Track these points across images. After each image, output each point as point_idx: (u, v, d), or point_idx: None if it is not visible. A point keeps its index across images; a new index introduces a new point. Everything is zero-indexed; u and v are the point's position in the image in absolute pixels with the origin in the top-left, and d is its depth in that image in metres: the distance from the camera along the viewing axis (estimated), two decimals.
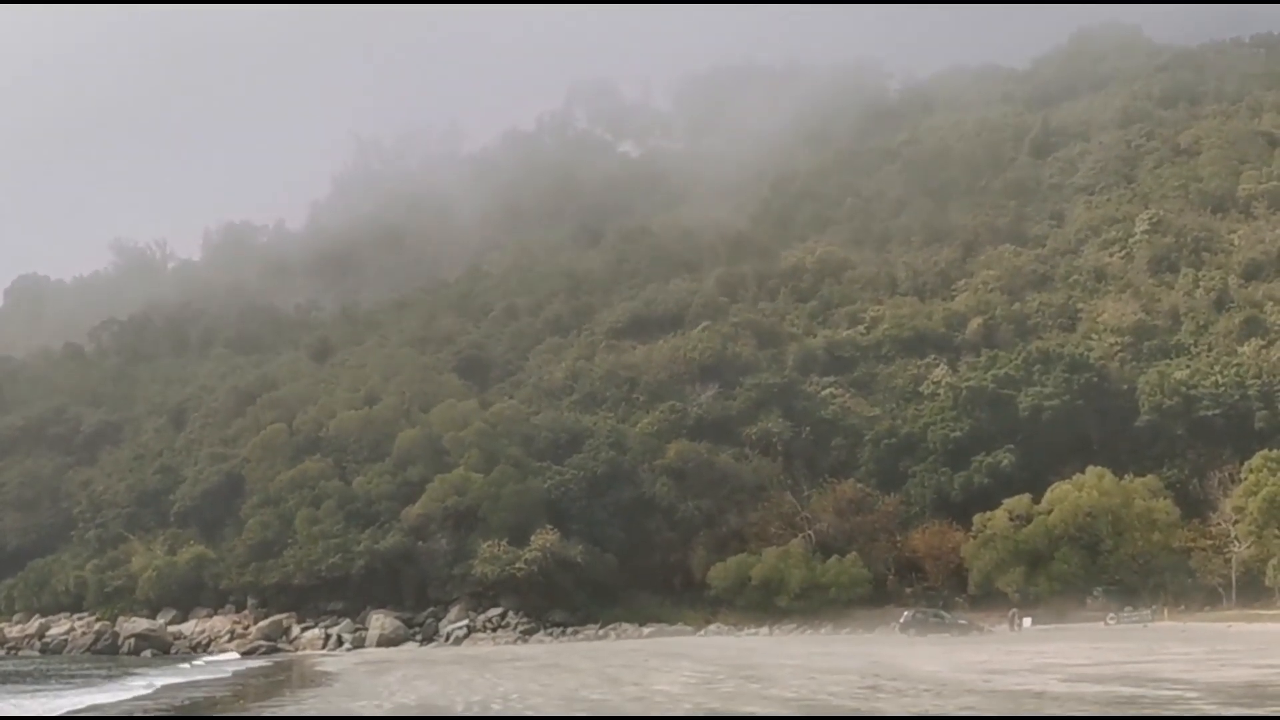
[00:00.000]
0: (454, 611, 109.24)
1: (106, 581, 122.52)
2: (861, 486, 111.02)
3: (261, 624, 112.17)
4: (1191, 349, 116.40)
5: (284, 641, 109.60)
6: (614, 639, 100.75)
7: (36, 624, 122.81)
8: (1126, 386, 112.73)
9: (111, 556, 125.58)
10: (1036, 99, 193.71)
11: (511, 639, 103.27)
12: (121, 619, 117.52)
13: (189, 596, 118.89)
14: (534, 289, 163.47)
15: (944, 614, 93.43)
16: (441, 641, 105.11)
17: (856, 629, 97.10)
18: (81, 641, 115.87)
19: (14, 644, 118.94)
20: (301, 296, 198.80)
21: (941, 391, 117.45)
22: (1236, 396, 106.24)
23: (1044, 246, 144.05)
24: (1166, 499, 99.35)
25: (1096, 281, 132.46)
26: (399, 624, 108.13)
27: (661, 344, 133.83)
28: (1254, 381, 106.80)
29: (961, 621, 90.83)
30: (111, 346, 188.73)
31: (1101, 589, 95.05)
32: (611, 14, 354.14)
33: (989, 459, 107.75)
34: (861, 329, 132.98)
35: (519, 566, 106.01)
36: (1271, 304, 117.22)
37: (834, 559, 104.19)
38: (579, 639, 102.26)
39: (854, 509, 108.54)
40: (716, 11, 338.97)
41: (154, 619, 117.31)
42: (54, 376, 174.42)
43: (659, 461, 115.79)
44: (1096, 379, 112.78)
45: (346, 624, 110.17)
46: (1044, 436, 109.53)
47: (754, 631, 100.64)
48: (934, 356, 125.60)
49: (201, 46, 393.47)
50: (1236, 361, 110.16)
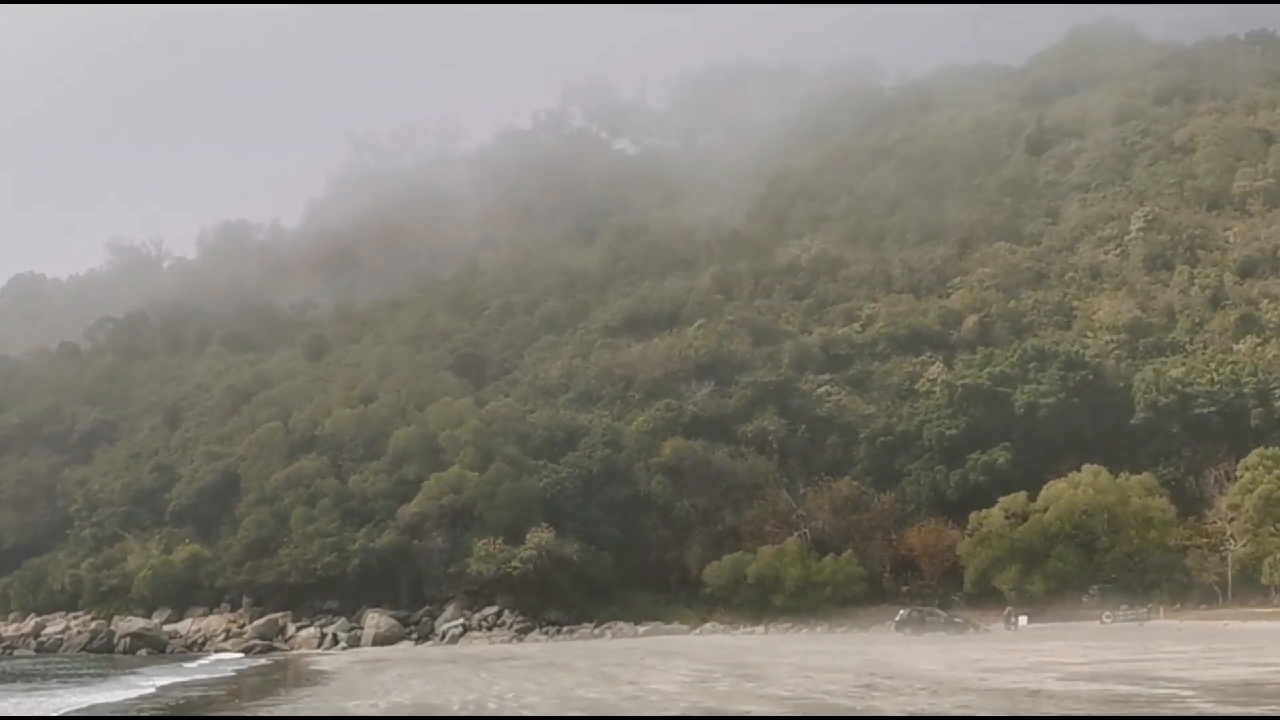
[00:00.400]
0: (449, 610, 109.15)
1: (102, 580, 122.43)
2: (857, 484, 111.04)
3: (257, 623, 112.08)
4: (1187, 346, 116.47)
5: (279, 640, 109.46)
6: (610, 638, 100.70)
7: (32, 623, 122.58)
8: (1122, 384, 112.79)
9: (107, 555, 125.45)
10: (1032, 96, 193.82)
11: (507, 638, 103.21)
12: (117, 618, 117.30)
13: (184, 595, 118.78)
14: (530, 287, 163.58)
15: (940, 612, 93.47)
16: (437, 640, 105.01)
17: (852, 627, 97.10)
18: (77, 640, 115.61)
19: (9, 643, 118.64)
20: (297, 294, 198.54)
21: (937, 389, 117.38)
22: (1232, 394, 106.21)
23: (1039, 244, 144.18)
24: (1162, 497, 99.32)
25: (1092, 279, 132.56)
26: (394, 623, 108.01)
27: (657, 342, 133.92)
28: (1249, 379, 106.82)
29: (957, 620, 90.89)
30: (107, 345, 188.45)
31: (1097, 587, 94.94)
32: (607, 12, 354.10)
33: (985, 457, 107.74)
34: (857, 326, 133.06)
35: (514, 565, 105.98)
36: (1267, 301, 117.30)
37: (829, 557, 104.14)
38: (575, 638, 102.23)
39: (850, 507, 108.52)
40: (712, 10, 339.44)
41: (149, 618, 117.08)
42: (49, 375, 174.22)
43: (654, 460, 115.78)
44: (1092, 376, 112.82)
45: (342, 623, 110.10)
46: (1040, 434, 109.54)
47: (750, 630, 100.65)
48: (929, 354, 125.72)
49: (198, 45, 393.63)
50: (1232, 359, 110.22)
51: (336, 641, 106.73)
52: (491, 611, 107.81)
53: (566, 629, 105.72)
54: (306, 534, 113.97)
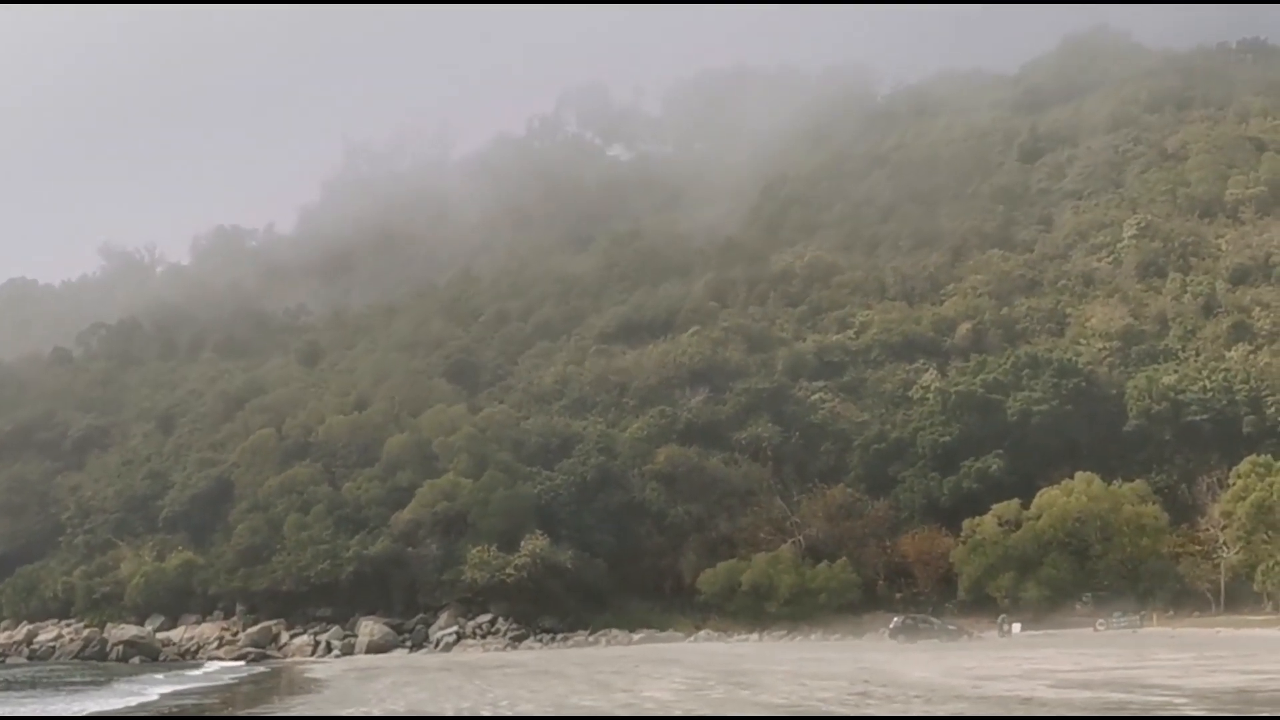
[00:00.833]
0: (443, 618, 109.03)
1: (95, 588, 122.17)
2: (851, 491, 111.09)
3: (250, 630, 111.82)
4: (1179, 354, 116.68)
5: (273, 648, 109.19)
6: (604, 645, 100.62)
7: (24, 630, 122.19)
8: (1115, 391, 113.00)
9: (100, 562, 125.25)
10: (1025, 104, 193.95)
11: (501, 645, 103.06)
12: (110, 625, 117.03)
13: (177, 603, 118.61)
14: (524, 293, 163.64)
15: (933, 620, 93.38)
16: (431, 648, 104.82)
17: (846, 635, 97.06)
18: (70, 648, 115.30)
19: (1, 650, 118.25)
20: (291, 300, 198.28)
21: (930, 396, 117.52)
22: (1224, 401, 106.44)
23: (1032, 251, 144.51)
24: (1155, 504, 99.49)
25: (1085, 286, 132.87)
26: (388, 630, 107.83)
27: (651, 349, 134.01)
28: (1242, 386, 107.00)
29: (951, 627, 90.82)
30: (100, 351, 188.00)
31: (1090, 594, 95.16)
32: (602, 18, 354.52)
33: (978, 464, 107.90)
34: (851, 334, 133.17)
35: (509, 572, 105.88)
36: (1259, 309, 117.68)
37: (823, 564, 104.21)
38: (569, 645, 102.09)
39: (843, 514, 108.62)
40: (706, 15, 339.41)
41: (142, 625, 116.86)
42: (42, 381, 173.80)
43: (649, 466, 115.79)
44: (1085, 384, 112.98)
45: (335, 630, 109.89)
46: (1033, 441, 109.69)
47: (744, 637, 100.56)
48: (923, 361, 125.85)
49: (191, 50, 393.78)
50: (1224, 366, 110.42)
51: (330, 649, 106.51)
52: (486, 619, 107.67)
53: (561, 637, 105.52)
54: (300, 541, 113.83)
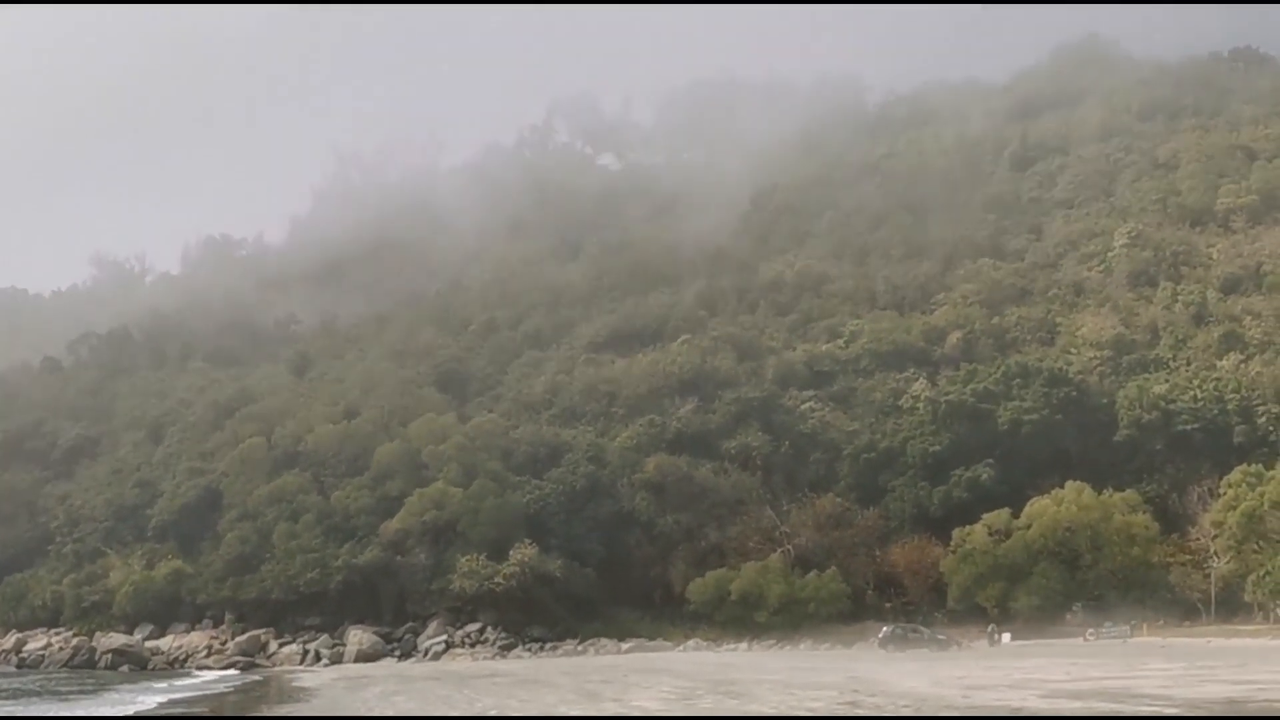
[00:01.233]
0: (432, 626, 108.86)
1: (83, 596, 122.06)
2: (840, 501, 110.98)
3: (239, 639, 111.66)
4: (1170, 363, 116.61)
5: (261, 657, 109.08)
6: (593, 654, 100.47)
7: (13, 639, 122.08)
8: (1105, 401, 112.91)
9: (89, 571, 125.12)
10: (1016, 113, 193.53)
11: (490, 654, 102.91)
12: (99, 634, 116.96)
13: (166, 611, 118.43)
14: (513, 303, 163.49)
15: (923, 629, 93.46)
16: (420, 657, 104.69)
17: (835, 644, 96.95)
18: (58, 657, 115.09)
19: None
20: (281, 309, 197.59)
21: (920, 405, 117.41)
22: (1215, 411, 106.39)
23: (1023, 260, 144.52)
24: (1145, 514, 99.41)
25: (1075, 295, 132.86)
26: (377, 639, 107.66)
27: (641, 358, 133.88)
28: (1233, 396, 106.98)
29: (940, 637, 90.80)
30: (89, 360, 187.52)
31: (1080, 604, 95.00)
32: (591, 28, 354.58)
33: (968, 473, 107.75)
34: (841, 343, 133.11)
35: (498, 581, 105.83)
36: (1250, 318, 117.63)
37: (813, 574, 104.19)
38: (558, 654, 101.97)
39: (833, 523, 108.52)
40: (696, 25, 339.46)
41: (131, 634, 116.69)
42: (31, 390, 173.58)
43: (638, 476, 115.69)
44: (1075, 393, 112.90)
45: (324, 639, 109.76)
46: (1023, 451, 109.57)
47: (733, 647, 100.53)
48: (913, 370, 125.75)
49: (179, 59, 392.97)
50: (1215, 376, 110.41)
51: (319, 658, 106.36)
52: (475, 628, 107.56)
53: (550, 646, 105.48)
54: (289, 550, 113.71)
